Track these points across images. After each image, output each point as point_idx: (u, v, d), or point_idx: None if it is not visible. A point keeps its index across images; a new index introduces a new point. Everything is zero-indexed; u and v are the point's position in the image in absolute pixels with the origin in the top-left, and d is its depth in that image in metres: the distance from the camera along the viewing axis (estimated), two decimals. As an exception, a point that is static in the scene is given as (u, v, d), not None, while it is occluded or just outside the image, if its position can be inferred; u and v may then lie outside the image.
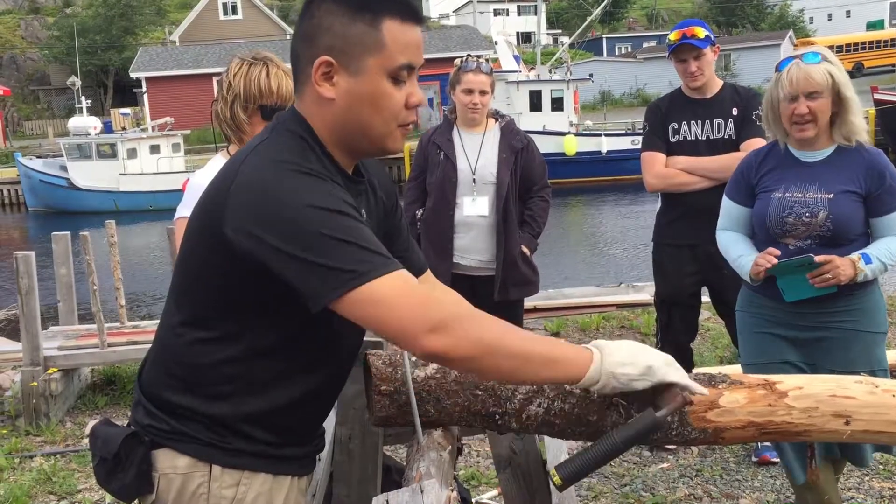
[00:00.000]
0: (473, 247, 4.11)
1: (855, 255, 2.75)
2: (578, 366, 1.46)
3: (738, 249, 3.01)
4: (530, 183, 4.17)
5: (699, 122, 3.93)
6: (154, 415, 1.59)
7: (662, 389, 1.49)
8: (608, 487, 3.85)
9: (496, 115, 4.22)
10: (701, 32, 3.85)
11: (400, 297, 1.39)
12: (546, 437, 2.00)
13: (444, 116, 4.32)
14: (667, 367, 1.48)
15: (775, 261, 2.79)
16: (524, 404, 1.54)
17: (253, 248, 1.43)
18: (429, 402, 1.64)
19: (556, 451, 2.00)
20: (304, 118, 1.57)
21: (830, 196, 2.80)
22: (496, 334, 1.42)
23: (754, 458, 3.94)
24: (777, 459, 3.77)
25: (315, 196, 1.43)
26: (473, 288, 4.05)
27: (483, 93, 4.03)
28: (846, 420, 1.48)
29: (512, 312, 4.09)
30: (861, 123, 2.83)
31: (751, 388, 1.52)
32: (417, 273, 1.85)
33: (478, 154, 4.09)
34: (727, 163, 3.64)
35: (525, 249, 4.15)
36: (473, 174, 4.07)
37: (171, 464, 1.57)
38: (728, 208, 3.08)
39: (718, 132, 3.91)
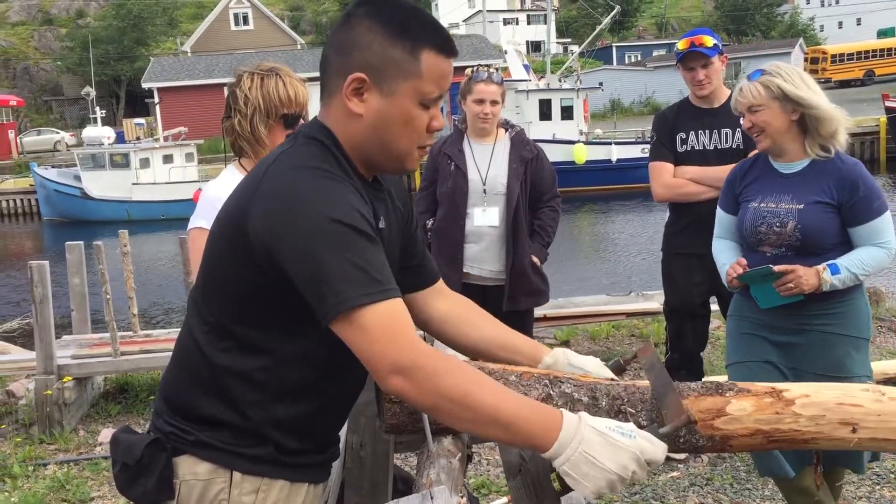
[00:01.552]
0: (484, 257, 4.12)
1: (821, 266, 2.81)
2: (542, 438, 1.42)
3: (723, 257, 3.10)
4: (540, 193, 4.18)
5: (707, 131, 3.94)
6: (177, 422, 1.62)
7: (669, 404, 1.50)
8: (617, 496, 3.85)
9: (506, 126, 4.23)
10: (709, 41, 3.86)
11: (379, 329, 1.41)
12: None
13: (455, 126, 4.33)
14: (638, 467, 1.42)
15: (741, 270, 2.90)
16: None
17: (273, 254, 1.46)
18: (439, 409, 1.65)
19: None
20: (327, 128, 1.60)
21: (801, 207, 2.86)
22: (460, 392, 1.40)
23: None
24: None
25: (333, 207, 1.45)
26: (484, 298, 4.05)
27: (494, 103, 4.05)
28: (853, 428, 1.48)
29: (521, 322, 4.10)
30: (834, 131, 2.87)
31: (758, 396, 1.52)
32: (430, 282, 1.88)
33: (488, 164, 4.11)
34: None
35: (535, 259, 4.16)
36: (484, 184, 4.08)
37: (191, 470, 1.59)
38: (720, 217, 3.17)
39: (727, 142, 3.91)
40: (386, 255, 1.61)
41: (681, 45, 3.92)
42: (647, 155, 4.23)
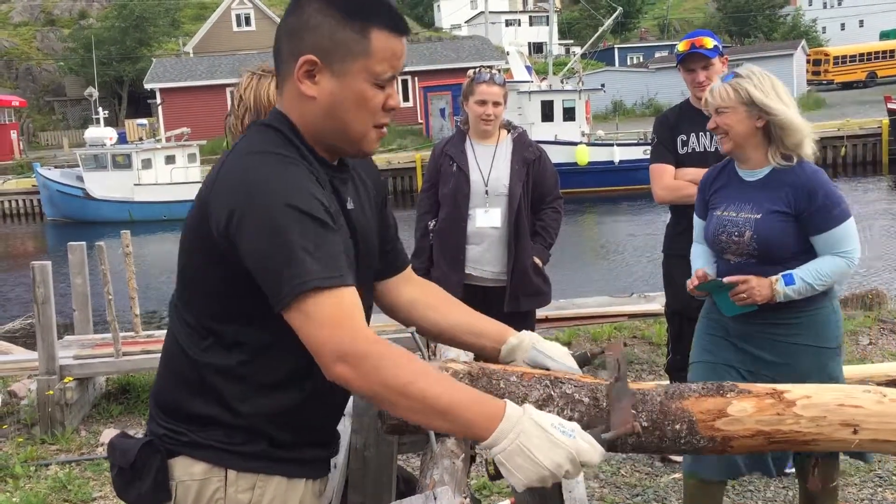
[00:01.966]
0: (486, 258, 4.12)
1: (774, 277, 2.80)
2: (482, 428, 1.42)
3: (696, 264, 3.11)
4: (542, 194, 4.18)
5: (708, 133, 3.93)
6: (169, 423, 1.62)
7: (619, 410, 1.50)
8: (620, 497, 3.85)
9: (508, 127, 4.23)
10: (709, 42, 3.85)
11: (326, 316, 1.42)
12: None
13: (457, 127, 4.33)
14: (572, 466, 1.41)
15: (696, 281, 2.91)
16: None
17: (232, 243, 1.47)
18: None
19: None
20: (283, 114, 1.61)
21: (758, 216, 2.85)
22: (402, 381, 1.41)
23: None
24: (790, 470, 3.76)
25: (288, 193, 1.46)
26: (485, 299, 4.06)
27: (496, 104, 4.05)
28: (854, 429, 1.48)
29: (523, 323, 4.09)
30: (800, 140, 2.84)
31: (759, 397, 1.52)
32: (401, 268, 1.89)
33: (490, 165, 4.11)
34: None
35: (537, 261, 4.16)
36: (486, 186, 4.08)
37: (187, 471, 1.59)
38: (696, 222, 3.18)
39: None
40: (360, 234, 1.65)
41: (681, 46, 3.93)
42: (649, 157, 4.23)
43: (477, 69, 4.20)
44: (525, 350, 1.77)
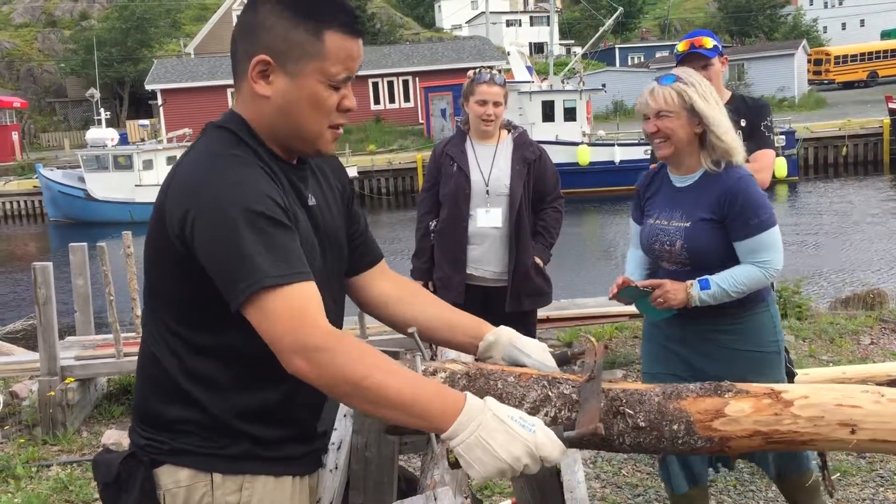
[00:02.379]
0: (487, 258, 4.12)
1: (689, 282, 2.80)
2: (440, 420, 1.41)
3: (627, 269, 3.11)
4: (543, 193, 4.19)
5: None
6: (149, 434, 1.62)
7: (586, 411, 1.49)
8: (621, 497, 3.85)
9: (509, 127, 4.24)
10: (709, 42, 3.85)
11: (283, 311, 1.42)
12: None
13: (457, 127, 4.33)
14: (531, 460, 1.41)
15: (615, 290, 2.89)
16: (531, 413, 1.55)
17: (188, 245, 1.48)
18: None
19: (570, 460, 2.01)
20: (237, 114, 1.61)
21: (688, 225, 2.84)
22: (359, 375, 1.40)
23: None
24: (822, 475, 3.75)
25: (242, 193, 1.46)
26: (487, 299, 4.07)
27: (497, 104, 4.05)
28: (852, 429, 1.48)
29: (524, 323, 4.10)
30: (732, 146, 2.82)
31: (756, 397, 1.52)
32: (374, 262, 1.88)
33: (491, 165, 4.11)
34: None
35: (538, 260, 4.16)
36: (487, 186, 4.09)
37: (172, 479, 1.59)
38: (632, 227, 3.15)
39: None
40: (325, 230, 1.65)
41: (680, 46, 3.92)
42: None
43: (477, 70, 4.21)
44: (503, 347, 1.76)
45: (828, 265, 14.59)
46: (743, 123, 3.88)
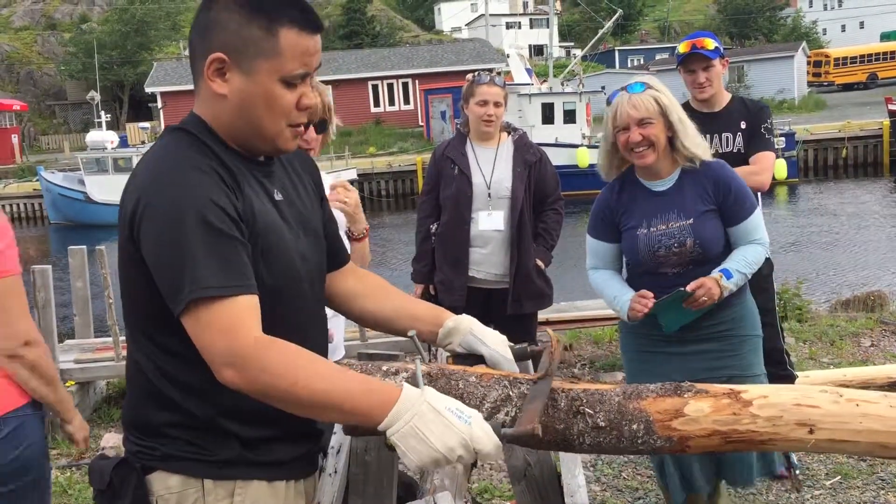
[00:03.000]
0: (489, 261, 4.11)
1: (717, 274, 2.83)
2: (376, 412, 1.43)
3: (612, 290, 3.04)
4: (544, 196, 4.18)
5: (707, 136, 3.88)
6: (140, 440, 1.61)
7: (528, 410, 1.49)
8: (622, 501, 3.84)
9: (509, 129, 4.23)
10: (710, 44, 3.84)
11: (215, 322, 1.42)
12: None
13: (457, 130, 4.32)
14: (465, 451, 1.41)
15: (649, 305, 2.84)
16: (492, 412, 1.55)
17: (138, 246, 1.48)
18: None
19: (571, 463, 2.00)
20: (196, 115, 1.61)
21: (691, 221, 2.88)
22: (288, 381, 1.41)
23: (769, 472, 3.92)
24: (787, 474, 3.75)
25: (187, 201, 1.45)
26: (488, 301, 4.06)
27: (497, 105, 4.04)
28: (810, 429, 1.48)
29: (524, 326, 4.10)
30: (699, 143, 2.92)
31: (716, 397, 1.53)
32: (342, 263, 1.89)
33: (492, 168, 4.10)
34: None
35: (540, 263, 4.15)
36: (489, 188, 4.08)
37: (164, 484, 1.58)
38: (594, 247, 3.10)
39: (727, 146, 3.88)
40: (294, 222, 1.64)
41: (682, 47, 3.92)
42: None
43: (476, 72, 4.21)
44: (462, 334, 1.77)
45: (828, 267, 14.60)
46: (743, 125, 3.87)
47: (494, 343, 1.75)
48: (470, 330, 1.77)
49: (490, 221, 4.08)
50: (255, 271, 1.51)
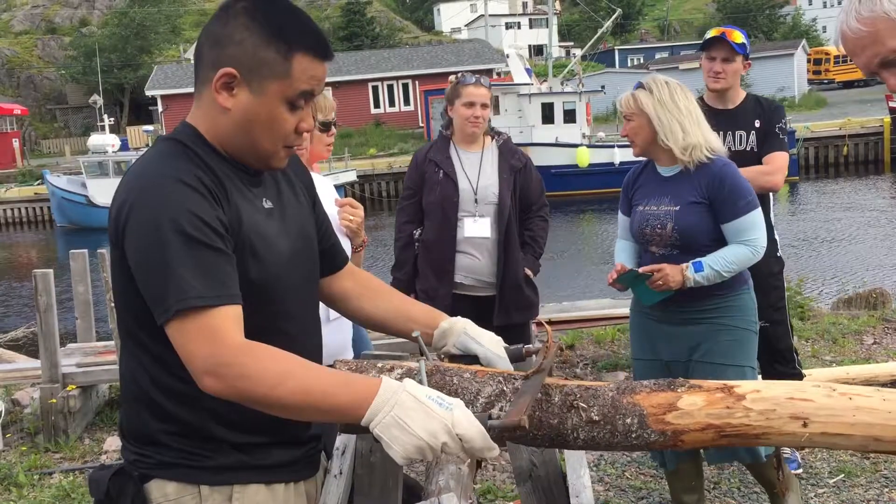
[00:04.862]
0: (475, 267, 4.01)
1: (685, 264, 3.00)
2: (357, 407, 1.42)
3: (618, 258, 3.31)
4: (529, 202, 4.09)
5: (721, 133, 3.82)
6: (136, 448, 1.62)
7: (516, 404, 1.49)
8: (625, 500, 3.84)
9: (493, 133, 4.13)
10: (739, 37, 3.76)
11: (195, 331, 1.43)
12: (566, 451, 2.01)
13: (440, 133, 4.19)
14: (449, 438, 1.40)
15: (615, 275, 3.08)
16: (486, 407, 1.55)
17: (123, 252, 1.50)
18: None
19: (576, 464, 2.00)
20: (189, 125, 1.61)
21: (677, 208, 3.06)
22: (268, 385, 1.42)
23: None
24: (798, 471, 3.75)
25: (171, 212, 1.46)
26: (476, 309, 3.88)
27: (484, 106, 3.95)
28: (804, 422, 1.48)
29: (514, 336, 4.02)
30: (673, 146, 3.03)
31: (709, 391, 1.54)
32: (340, 266, 1.91)
33: (478, 173, 4.00)
34: (749, 176, 3.36)
35: (528, 272, 4.07)
36: (475, 194, 3.98)
37: (162, 493, 1.58)
38: (620, 219, 3.39)
39: (741, 144, 3.81)
40: (287, 228, 1.66)
41: (712, 31, 3.85)
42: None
43: (461, 73, 4.12)
44: (456, 334, 1.77)
45: (830, 265, 14.59)
46: (757, 124, 3.80)
47: (489, 343, 1.76)
48: (464, 330, 1.78)
49: (476, 228, 3.98)
50: (244, 277, 1.52)
